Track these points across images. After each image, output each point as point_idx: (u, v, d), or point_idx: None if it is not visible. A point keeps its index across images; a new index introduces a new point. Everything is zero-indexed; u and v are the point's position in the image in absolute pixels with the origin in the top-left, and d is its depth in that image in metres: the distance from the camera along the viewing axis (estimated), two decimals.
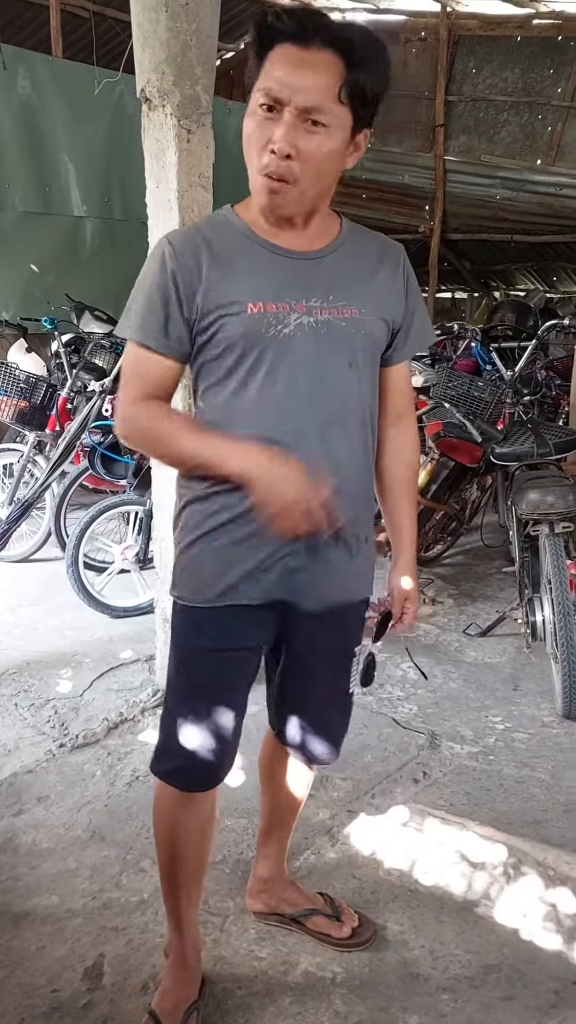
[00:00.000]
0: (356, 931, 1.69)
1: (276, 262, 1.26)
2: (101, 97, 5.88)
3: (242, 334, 1.23)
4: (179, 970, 1.53)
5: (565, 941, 1.70)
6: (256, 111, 1.17)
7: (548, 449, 2.89)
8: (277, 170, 1.17)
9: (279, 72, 1.14)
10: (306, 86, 1.13)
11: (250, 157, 1.20)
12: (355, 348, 1.30)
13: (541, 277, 9.74)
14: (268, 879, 1.74)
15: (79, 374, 4.11)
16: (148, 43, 2.28)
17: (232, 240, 1.27)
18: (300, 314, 1.24)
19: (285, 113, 1.14)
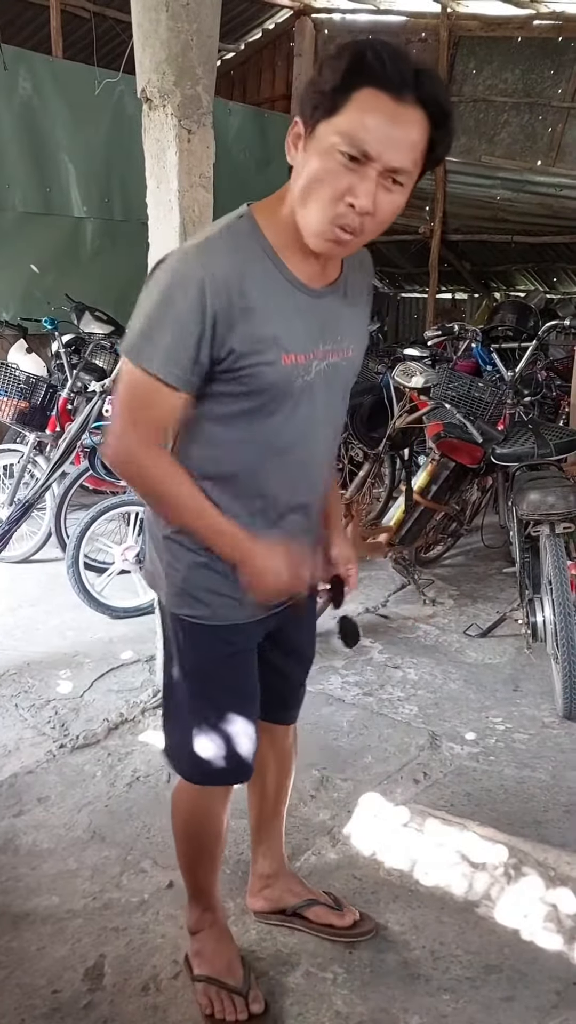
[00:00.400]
0: (357, 923, 1.72)
1: (303, 304, 1.24)
2: (101, 97, 5.88)
3: (272, 383, 1.22)
4: (220, 934, 1.61)
5: (566, 941, 1.70)
6: (335, 155, 1.09)
7: (549, 450, 2.89)
8: (351, 224, 1.13)
9: (373, 124, 1.07)
10: (400, 146, 1.09)
11: (318, 199, 1.13)
12: (348, 382, 1.38)
13: (541, 278, 9.73)
14: (270, 874, 1.76)
15: (79, 375, 4.11)
16: (149, 43, 2.28)
17: (262, 275, 1.20)
18: (318, 360, 1.27)
19: (370, 169, 1.09)
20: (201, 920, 1.61)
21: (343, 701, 2.70)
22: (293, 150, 1.16)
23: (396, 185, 1.12)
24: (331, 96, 1.08)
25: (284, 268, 1.21)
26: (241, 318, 1.17)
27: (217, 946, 1.59)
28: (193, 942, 1.61)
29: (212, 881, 1.61)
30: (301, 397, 1.26)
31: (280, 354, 1.21)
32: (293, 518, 1.36)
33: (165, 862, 1.92)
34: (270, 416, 1.25)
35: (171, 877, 1.87)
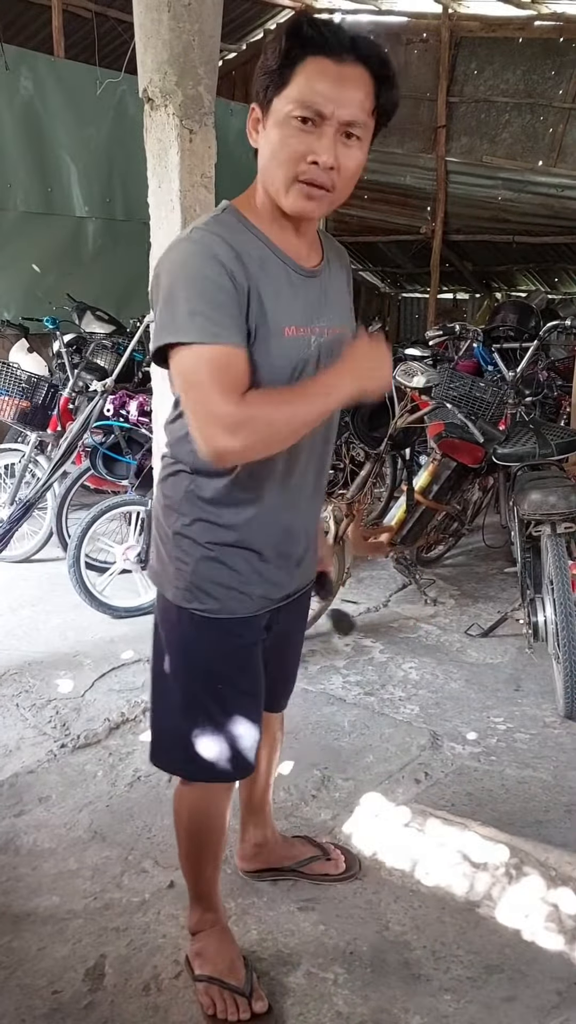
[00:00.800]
0: (347, 863, 1.88)
1: (296, 282, 1.28)
2: (103, 98, 5.89)
3: (277, 356, 1.24)
4: (221, 934, 1.62)
5: (567, 941, 1.70)
6: (290, 121, 1.17)
7: (550, 450, 2.89)
8: (318, 179, 1.19)
9: (320, 86, 1.15)
10: (348, 101, 1.17)
11: (281, 164, 1.20)
12: None
13: (543, 278, 9.74)
14: (262, 843, 1.84)
15: (81, 374, 4.11)
16: (150, 43, 2.29)
17: (259, 253, 1.25)
18: (315, 336, 1.30)
19: (325, 126, 1.17)
20: (202, 921, 1.61)
21: (344, 701, 2.70)
22: (255, 134, 1.24)
23: (354, 140, 1.20)
24: (279, 73, 1.17)
25: (276, 248, 1.26)
26: (252, 285, 1.21)
27: (219, 946, 1.59)
28: (194, 942, 1.61)
29: (214, 881, 1.62)
30: (304, 371, 1.28)
31: (283, 326, 1.24)
32: (302, 490, 1.40)
33: (166, 862, 1.92)
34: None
35: (172, 877, 1.87)
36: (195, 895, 1.61)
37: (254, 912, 1.77)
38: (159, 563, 1.43)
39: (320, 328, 1.31)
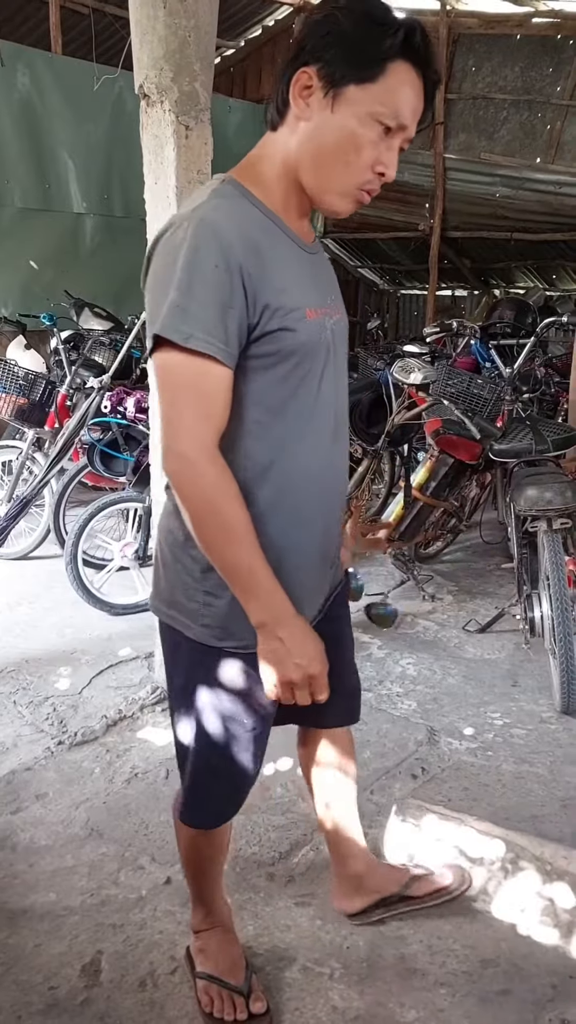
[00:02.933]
0: (455, 877, 1.78)
1: (306, 261, 1.22)
2: (100, 94, 5.88)
3: (302, 343, 1.17)
4: (224, 934, 1.59)
5: (562, 935, 1.70)
6: (375, 125, 1.12)
7: (546, 446, 2.89)
8: (375, 189, 1.18)
9: (410, 97, 1.12)
10: (417, 119, 1.16)
11: (350, 164, 1.13)
12: (347, 344, 1.35)
13: (541, 275, 9.73)
14: (363, 872, 1.72)
15: (78, 371, 4.11)
16: (146, 39, 2.28)
17: (268, 230, 1.16)
18: (328, 317, 1.24)
19: (395, 138, 1.14)
20: (205, 921, 1.59)
21: None
22: (303, 103, 1.13)
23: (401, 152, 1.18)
24: (369, 61, 1.09)
25: (281, 222, 1.19)
26: (266, 271, 1.12)
27: (221, 945, 1.57)
28: (196, 940, 1.60)
29: (217, 886, 1.59)
30: (325, 357, 1.23)
31: (305, 308, 1.17)
32: (334, 488, 1.32)
33: (163, 858, 1.93)
34: (305, 381, 1.20)
35: (168, 873, 1.88)
36: (196, 897, 1.59)
37: (250, 907, 1.77)
38: (171, 599, 1.29)
39: (329, 308, 1.25)
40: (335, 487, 1.34)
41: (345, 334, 1.33)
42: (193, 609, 1.26)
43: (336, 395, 1.28)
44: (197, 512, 1.14)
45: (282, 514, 1.23)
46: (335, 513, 1.36)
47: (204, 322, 1.08)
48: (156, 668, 2.78)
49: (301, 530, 1.26)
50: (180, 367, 1.10)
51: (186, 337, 1.08)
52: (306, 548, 1.28)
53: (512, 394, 3.48)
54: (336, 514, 1.37)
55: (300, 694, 1.19)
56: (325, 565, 1.36)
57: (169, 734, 2.47)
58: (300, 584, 1.26)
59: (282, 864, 1.91)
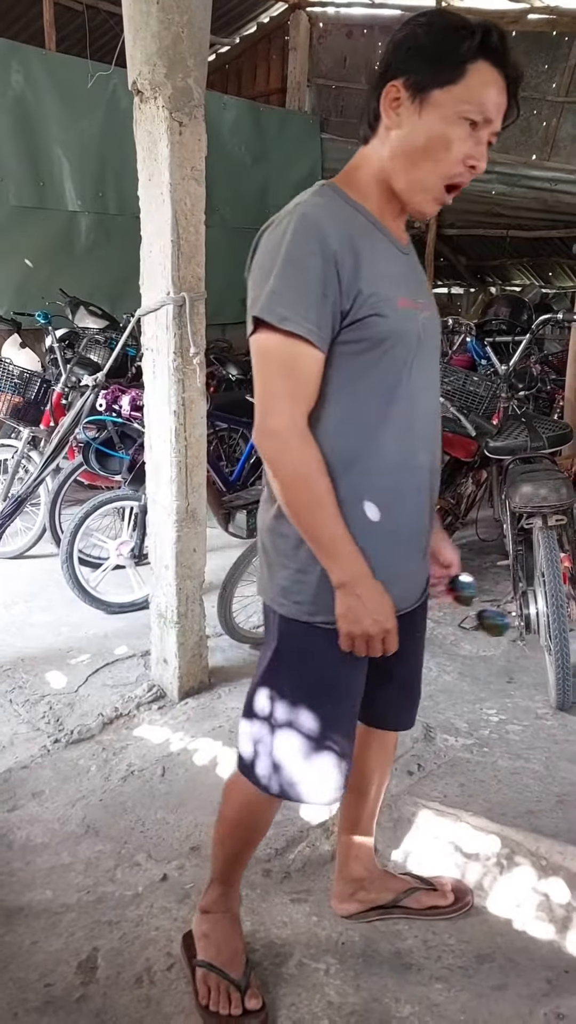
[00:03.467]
0: (457, 894, 1.76)
1: (400, 259, 1.29)
2: (95, 91, 5.85)
3: (392, 330, 1.22)
4: (232, 923, 1.59)
5: (557, 930, 1.71)
6: (462, 122, 1.19)
7: (541, 443, 2.89)
8: (462, 182, 1.24)
9: (493, 94, 1.19)
10: (502, 112, 1.22)
11: (439, 160, 1.21)
12: (439, 341, 1.41)
13: (537, 272, 9.74)
14: (364, 877, 1.73)
15: (73, 369, 4.10)
16: (139, 35, 2.27)
17: (364, 227, 1.24)
18: (420, 310, 1.29)
19: (485, 133, 1.21)
20: (217, 902, 1.59)
21: None
22: (392, 113, 1.22)
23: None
24: (451, 66, 1.18)
25: (378, 222, 1.27)
26: (360, 261, 1.19)
27: (226, 934, 1.57)
28: (202, 922, 1.59)
29: (240, 870, 1.60)
30: (416, 347, 1.27)
31: (397, 296, 1.23)
32: (417, 483, 1.34)
33: (159, 855, 1.93)
34: (393, 373, 1.25)
35: (165, 870, 1.88)
36: (218, 876, 1.58)
37: (247, 903, 1.78)
38: (269, 576, 1.36)
39: (422, 304, 1.30)
40: (424, 475, 1.35)
41: (437, 331, 1.38)
42: (286, 586, 1.33)
43: (427, 384, 1.32)
44: (287, 482, 1.22)
45: (370, 497, 1.28)
46: (424, 500, 1.37)
47: (299, 306, 1.16)
48: (152, 666, 2.78)
49: (391, 513, 1.30)
50: (275, 348, 1.19)
51: (281, 319, 1.16)
52: (397, 531, 1.32)
53: (508, 391, 3.48)
54: (425, 502, 1.37)
55: (374, 645, 1.25)
56: (417, 552, 1.39)
57: (165, 732, 2.49)
58: (390, 566, 1.30)
59: (278, 860, 1.91)
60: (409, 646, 1.43)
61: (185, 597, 2.62)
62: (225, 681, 2.77)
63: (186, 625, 2.64)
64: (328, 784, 1.40)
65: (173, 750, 2.37)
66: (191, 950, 1.60)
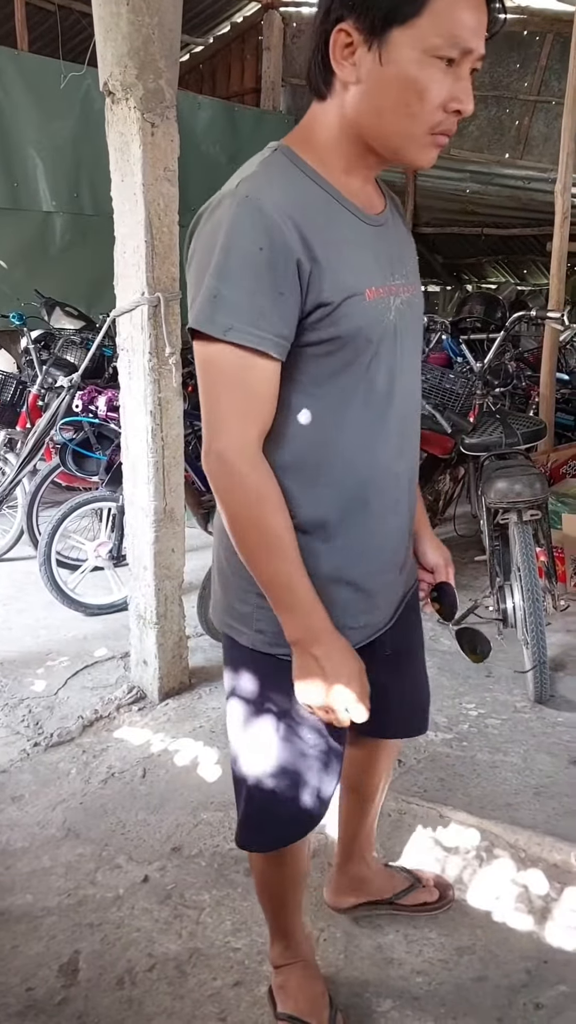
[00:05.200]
0: (440, 890, 1.75)
1: (367, 233, 1.08)
2: (68, 91, 5.82)
3: (360, 326, 1.04)
4: (304, 969, 1.50)
5: (536, 921, 1.73)
6: (434, 62, 0.96)
7: (516, 439, 2.91)
8: (450, 129, 1.02)
9: (468, 17, 0.95)
10: (482, 32, 0.98)
11: (416, 111, 0.99)
12: (420, 326, 1.23)
13: (512, 270, 9.83)
14: (364, 877, 1.71)
15: (49, 370, 4.07)
16: (110, 36, 2.27)
17: (321, 202, 1.04)
18: (394, 295, 1.11)
19: (465, 65, 0.98)
20: (284, 955, 1.50)
21: None
22: (346, 64, 1.00)
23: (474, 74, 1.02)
24: (410, 2, 0.95)
25: (338, 194, 1.06)
26: (319, 250, 1.00)
27: (302, 982, 1.48)
28: (276, 976, 1.51)
29: (296, 916, 1.49)
30: (387, 341, 1.09)
31: (365, 287, 1.04)
32: (391, 500, 1.18)
33: (140, 857, 1.93)
34: (363, 371, 1.08)
35: (146, 871, 1.88)
36: (275, 930, 1.49)
37: (228, 903, 1.78)
38: (226, 604, 1.21)
39: (397, 286, 1.11)
40: (402, 482, 1.20)
41: (419, 311, 1.19)
42: (247, 613, 1.18)
43: (402, 382, 1.14)
44: (235, 519, 1.06)
45: (340, 508, 1.13)
46: (403, 510, 1.22)
47: (247, 311, 0.97)
48: (132, 668, 2.78)
49: (364, 527, 1.15)
50: (221, 361, 1.00)
51: (225, 329, 0.98)
52: (372, 546, 1.17)
53: (483, 388, 3.51)
54: (404, 509, 1.23)
55: (335, 716, 1.09)
56: (395, 565, 1.24)
57: (146, 733, 2.48)
58: (358, 597, 1.18)
59: None
60: (403, 655, 1.37)
61: (164, 598, 2.62)
62: (206, 681, 2.77)
63: (166, 626, 2.64)
64: (291, 831, 1.29)
65: (154, 751, 2.37)
66: (274, 1004, 1.51)
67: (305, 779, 1.24)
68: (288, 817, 1.26)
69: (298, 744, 1.22)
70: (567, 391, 5.16)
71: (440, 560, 1.41)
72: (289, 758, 1.22)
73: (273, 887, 1.44)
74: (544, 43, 7.08)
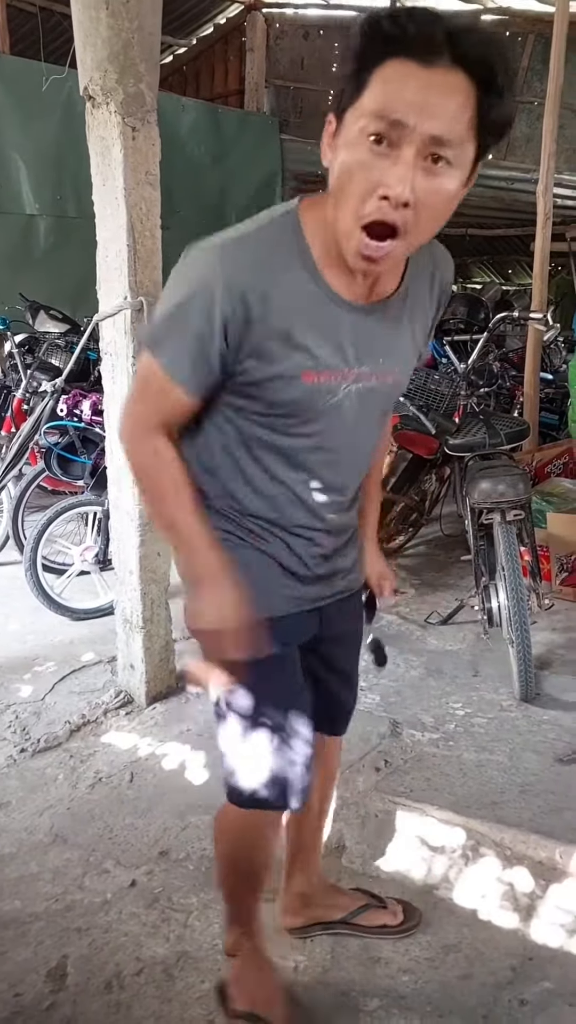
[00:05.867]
0: (406, 914, 1.71)
1: (341, 320, 1.10)
2: (50, 93, 5.81)
3: (292, 400, 1.12)
4: (261, 961, 1.51)
5: (521, 919, 1.74)
6: (364, 141, 0.93)
7: (499, 439, 2.94)
8: (388, 217, 0.95)
9: (401, 93, 0.90)
10: (437, 111, 0.90)
11: (347, 198, 0.97)
12: (386, 406, 1.28)
13: (496, 270, 9.88)
14: (310, 893, 1.69)
15: (34, 374, 4.07)
16: (89, 41, 2.27)
17: (294, 284, 1.07)
18: (349, 382, 1.14)
19: (404, 147, 0.92)
20: (239, 943, 1.50)
21: None
22: (328, 152, 1.01)
23: (443, 165, 0.94)
24: (353, 79, 0.94)
25: (320, 280, 1.08)
26: (259, 328, 1.06)
27: (258, 975, 1.48)
28: (232, 967, 1.51)
29: (255, 906, 1.49)
30: (326, 419, 1.15)
31: (300, 371, 1.09)
32: (301, 538, 1.26)
33: (128, 861, 1.93)
34: (289, 432, 1.16)
35: (133, 876, 1.88)
36: (232, 917, 1.50)
37: (216, 906, 1.78)
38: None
39: (357, 373, 1.14)
40: (322, 514, 1.26)
41: (386, 396, 1.23)
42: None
43: (335, 450, 1.20)
44: (137, 480, 1.23)
45: (259, 538, 1.24)
46: (331, 544, 1.30)
47: (175, 352, 1.11)
48: (119, 672, 2.77)
49: (280, 556, 1.26)
50: (150, 371, 1.15)
51: (156, 353, 1.13)
52: (288, 564, 1.27)
53: (468, 389, 3.53)
54: (333, 544, 1.30)
55: (224, 644, 1.19)
56: (314, 572, 1.30)
57: (133, 737, 2.48)
58: (274, 573, 1.27)
59: None
60: (334, 648, 1.45)
61: (150, 601, 2.62)
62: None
63: (152, 630, 2.64)
64: (278, 787, 1.32)
65: (141, 755, 2.37)
66: (227, 1000, 1.50)
67: (266, 743, 1.30)
68: (260, 777, 1.32)
69: (256, 705, 1.29)
70: (551, 391, 5.20)
71: (373, 570, 1.51)
72: (252, 720, 1.30)
73: (240, 865, 1.45)
74: (526, 44, 7.14)
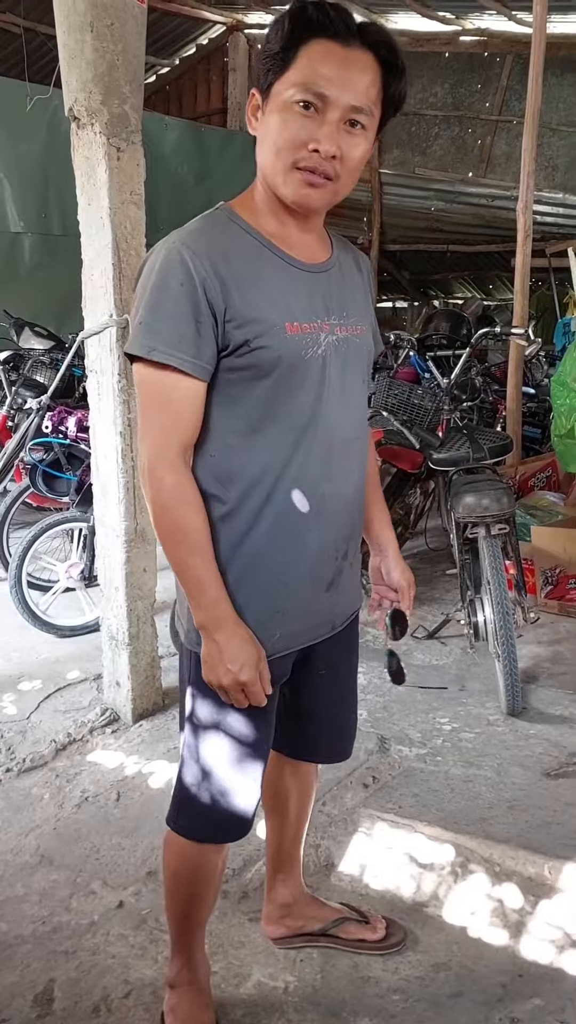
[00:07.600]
0: (389, 932, 1.70)
1: (299, 278, 1.23)
2: (35, 113, 5.84)
3: (279, 357, 1.17)
4: (196, 995, 1.50)
5: (511, 935, 1.74)
6: (293, 107, 1.13)
7: (483, 454, 2.96)
8: (320, 167, 1.14)
9: (324, 68, 1.11)
10: (354, 85, 1.12)
11: (280, 151, 1.15)
12: (366, 364, 1.34)
13: (478, 285, 9.99)
14: (291, 903, 1.70)
15: (19, 391, 4.06)
16: (74, 63, 2.29)
17: (249, 250, 1.19)
18: (326, 333, 1.23)
19: (329, 112, 1.12)
20: (180, 975, 1.50)
21: None
22: (254, 121, 1.20)
23: (358, 129, 1.16)
24: (281, 55, 1.12)
25: (272, 246, 1.21)
26: (234, 286, 1.15)
27: (192, 1009, 1.48)
28: (170, 997, 1.51)
29: (198, 934, 1.50)
30: (313, 372, 1.21)
31: (284, 322, 1.18)
32: (324, 521, 1.28)
33: (115, 882, 1.91)
34: (285, 399, 1.20)
35: (121, 897, 1.86)
36: (176, 945, 1.50)
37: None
38: (177, 607, 1.36)
39: (331, 325, 1.24)
40: (330, 503, 1.29)
41: (360, 350, 1.31)
42: (184, 614, 1.31)
43: (330, 409, 1.24)
44: (154, 515, 1.21)
45: (265, 532, 1.24)
46: (330, 531, 1.30)
47: (169, 335, 1.13)
48: (105, 690, 2.76)
49: (287, 551, 1.25)
50: (148, 380, 1.17)
51: (149, 350, 1.14)
52: (293, 568, 1.27)
53: (451, 403, 3.56)
54: (332, 533, 1.31)
55: (233, 697, 1.22)
56: (319, 588, 1.32)
57: (120, 756, 2.47)
58: (282, 599, 1.27)
59: (235, 880, 1.91)
60: (327, 680, 1.44)
61: (136, 618, 2.61)
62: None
63: (138, 647, 2.63)
64: (218, 827, 1.36)
65: (128, 774, 2.35)
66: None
67: (227, 775, 1.32)
68: (213, 811, 1.33)
69: (222, 739, 1.31)
70: (533, 404, 5.25)
71: (404, 583, 1.49)
72: (209, 750, 1.32)
73: (186, 888, 1.44)
74: (504, 64, 7.25)
